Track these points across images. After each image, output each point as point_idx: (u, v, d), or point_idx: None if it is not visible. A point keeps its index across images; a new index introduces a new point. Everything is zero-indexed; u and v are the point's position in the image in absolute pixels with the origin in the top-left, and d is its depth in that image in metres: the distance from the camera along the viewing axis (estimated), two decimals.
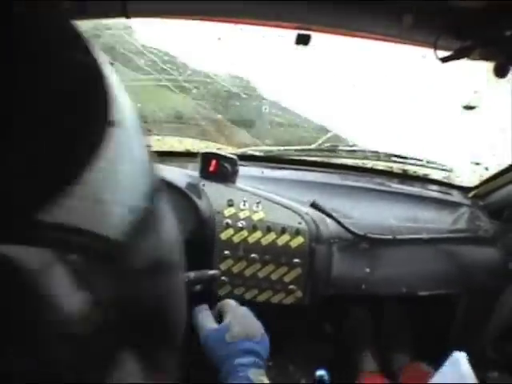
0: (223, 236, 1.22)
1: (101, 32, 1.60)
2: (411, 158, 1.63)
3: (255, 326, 0.86)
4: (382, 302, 1.58)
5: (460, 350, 1.04)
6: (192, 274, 1.09)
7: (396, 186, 1.53)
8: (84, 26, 1.48)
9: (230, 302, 0.89)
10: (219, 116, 1.87)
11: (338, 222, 1.28)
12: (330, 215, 1.29)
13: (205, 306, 0.89)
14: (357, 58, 1.54)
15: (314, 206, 1.30)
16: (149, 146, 0.41)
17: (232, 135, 1.87)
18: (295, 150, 1.61)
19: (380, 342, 1.54)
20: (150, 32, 1.62)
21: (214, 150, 1.41)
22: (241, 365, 0.77)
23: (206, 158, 1.29)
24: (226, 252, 1.22)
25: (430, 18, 0.79)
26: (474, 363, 1.00)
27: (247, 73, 1.79)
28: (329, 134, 1.69)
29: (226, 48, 1.52)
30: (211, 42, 1.48)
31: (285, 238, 1.22)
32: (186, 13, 0.89)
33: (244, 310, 0.89)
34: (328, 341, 1.58)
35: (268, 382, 0.76)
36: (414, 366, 1.41)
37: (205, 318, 0.86)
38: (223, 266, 1.22)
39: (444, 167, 1.65)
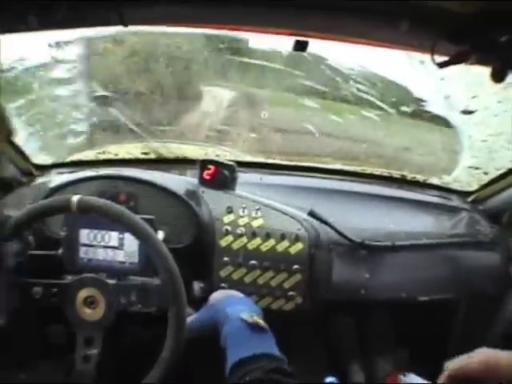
0: (223, 243, 1.22)
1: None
2: (410, 164, 1.63)
3: (234, 292, 0.99)
4: (370, 310, 1.56)
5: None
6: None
7: (395, 192, 1.52)
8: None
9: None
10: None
11: (336, 230, 1.28)
12: (327, 223, 1.29)
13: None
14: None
15: (311, 214, 1.30)
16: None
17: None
18: (293, 156, 1.61)
19: (366, 352, 1.52)
20: None
21: (213, 157, 1.41)
22: (229, 313, 0.83)
23: (205, 164, 1.29)
24: (226, 259, 1.21)
25: (427, 23, 0.79)
26: None
27: None
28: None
29: None
30: None
31: (284, 244, 1.22)
32: (183, 20, 0.89)
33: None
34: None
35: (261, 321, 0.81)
36: (396, 377, 1.39)
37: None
38: (223, 273, 1.22)
39: (443, 172, 1.64)
